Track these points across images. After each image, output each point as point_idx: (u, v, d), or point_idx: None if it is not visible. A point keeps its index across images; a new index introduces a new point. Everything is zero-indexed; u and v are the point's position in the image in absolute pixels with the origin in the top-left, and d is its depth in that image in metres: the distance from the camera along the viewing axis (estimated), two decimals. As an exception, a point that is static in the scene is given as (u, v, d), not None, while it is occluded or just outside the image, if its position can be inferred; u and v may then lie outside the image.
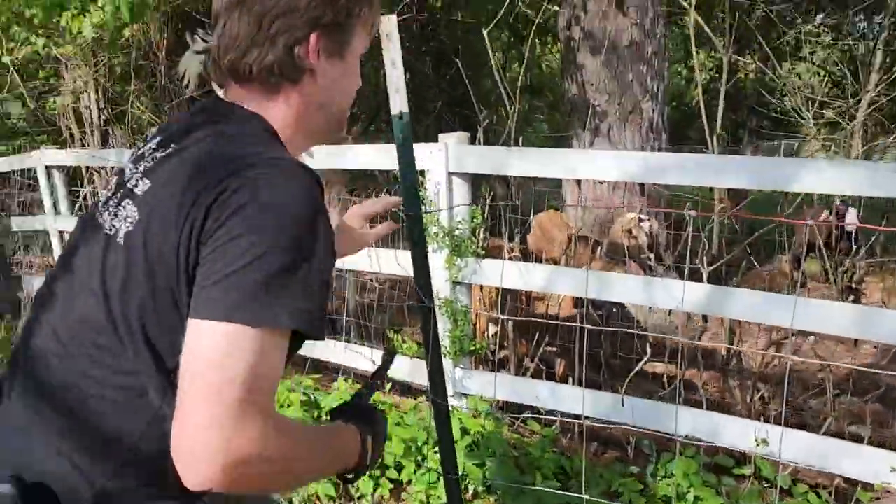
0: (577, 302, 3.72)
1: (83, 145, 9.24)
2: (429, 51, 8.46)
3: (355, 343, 3.78)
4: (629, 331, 3.46)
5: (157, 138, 1.12)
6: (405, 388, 3.68)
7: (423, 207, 1.76)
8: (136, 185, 1.05)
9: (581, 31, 4.61)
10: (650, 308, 4.36)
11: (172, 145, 1.07)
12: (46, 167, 5.49)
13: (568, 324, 3.10)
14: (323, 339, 0.98)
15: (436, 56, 8.68)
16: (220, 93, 1.14)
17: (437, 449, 2.16)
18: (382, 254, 3.38)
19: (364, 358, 3.60)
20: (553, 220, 3.82)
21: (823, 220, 4.76)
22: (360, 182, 5.83)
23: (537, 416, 3.07)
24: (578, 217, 3.98)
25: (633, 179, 3.19)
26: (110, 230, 1.03)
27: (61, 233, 5.61)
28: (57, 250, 5.64)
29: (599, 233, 3.84)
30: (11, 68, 7.80)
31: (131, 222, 1.01)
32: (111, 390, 0.99)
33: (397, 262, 3.29)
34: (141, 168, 1.07)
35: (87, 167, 5.92)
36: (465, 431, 2.96)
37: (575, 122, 4.78)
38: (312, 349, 3.72)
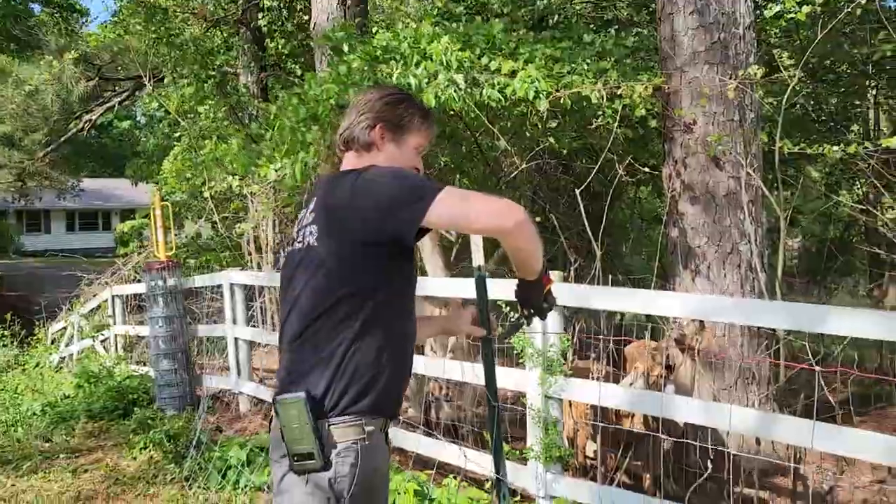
0: (646, 419, 4.14)
1: (258, 266, 10.75)
2: (564, 187, 9.30)
3: (469, 447, 4.39)
4: (702, 444, 3.82)
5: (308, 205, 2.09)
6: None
7: (490, 333, 2.42)
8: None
9: (681, 183, 5.22)
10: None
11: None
12: (231, 285, 6.70)
13: (649, 433, 3.57)
14: None
15: (571, 191, 9.52)
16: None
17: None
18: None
19: (472, 461, 4.19)
20: (639, 350, 4.32)
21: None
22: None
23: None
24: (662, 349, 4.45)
25: (693, 316, 3.68)
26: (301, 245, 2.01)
27: (237, 339, 6.72)
28: (232, 352, 6.74)
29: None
30: (210, 200, 9.45)
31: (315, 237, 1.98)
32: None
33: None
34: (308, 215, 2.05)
35: (261, 287, 7.07)
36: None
37: (678, 264, 5.29)
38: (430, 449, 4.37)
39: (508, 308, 4.06)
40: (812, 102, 9.34)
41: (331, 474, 1.88)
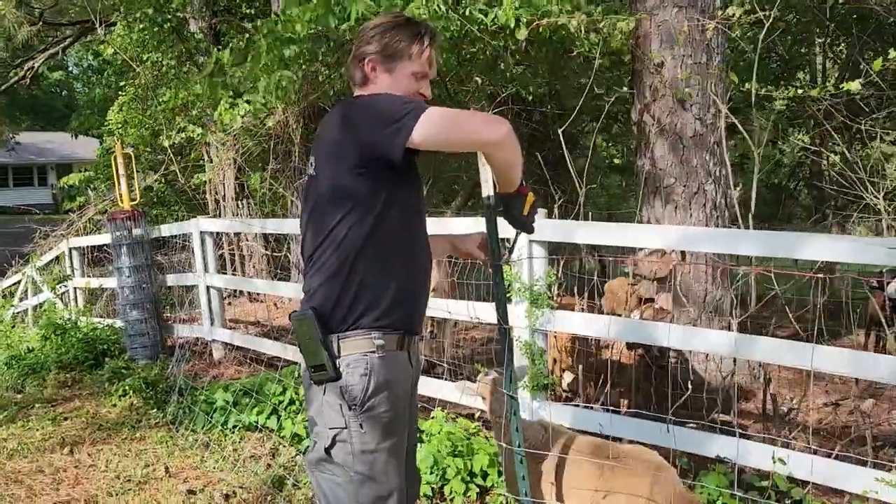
0: (631, 346, 4.37)
1: (216, 215, 10.64)
2: (523, 135, 9.43)
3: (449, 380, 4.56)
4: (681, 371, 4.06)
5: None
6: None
7: (503, 259, 2.54)
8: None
9: (651, 118, 5.39)
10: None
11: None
12: (201, 233, 6.65)
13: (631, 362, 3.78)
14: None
15: (528, 140, 9.65)
16: None
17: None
18: (478, 306, 4.18)
19: (456, 391, 4.35)
20: (621, 285, 4.53)
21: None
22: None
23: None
24: (642, 282, 4.66)
25: (673, 247, 3.87)
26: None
27: (209, 287, 6.71)
28: (205, 301, 6.73)
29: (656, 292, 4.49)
30: (168, 150, 9.27)
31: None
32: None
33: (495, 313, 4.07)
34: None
35: (237, 234, 7.03)
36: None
37: (648, 193, 5.49)
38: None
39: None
40: (763, 49, 9.59)
41: (342, 383, 2.03)
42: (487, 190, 2.45)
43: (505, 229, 2.41)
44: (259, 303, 10.25)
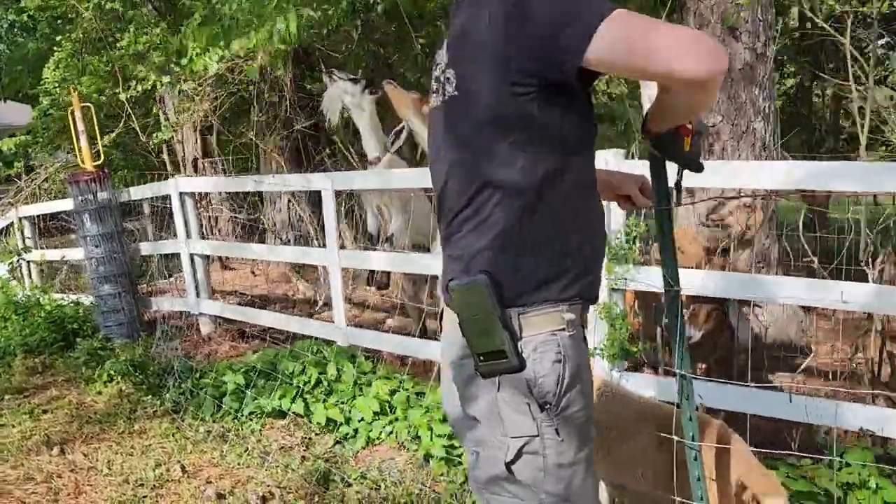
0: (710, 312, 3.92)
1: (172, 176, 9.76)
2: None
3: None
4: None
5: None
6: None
7: (672, 203, 1.99)
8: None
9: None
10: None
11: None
12: (181, 194, 5.90)
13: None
14: None
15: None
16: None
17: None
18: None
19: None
20: (685, 236, 4.03)
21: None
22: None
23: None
24: (702, 231, 4.18)
25: (798, 185, 3.38)
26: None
27: (193, 255, 5.99)
28: (188, 270, 6.01)
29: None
30: (126, 105, 8.35)
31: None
32: None
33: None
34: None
35: (203, 196, 6.27)
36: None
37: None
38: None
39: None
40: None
41: (528, 374, 1.47)
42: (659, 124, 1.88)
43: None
44: (231, 270, 9.51)
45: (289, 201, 8.48)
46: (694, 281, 3.05)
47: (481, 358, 1.50)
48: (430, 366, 4.41)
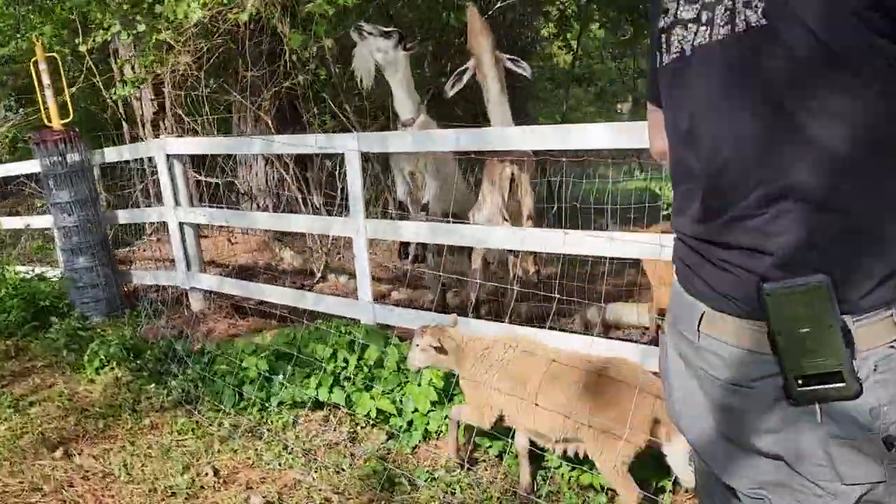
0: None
1: (132, 139, 9.00)
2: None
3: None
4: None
5: None
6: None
7: None
8: None
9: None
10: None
11: None
12: (167, 156, 5.29)
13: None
14: None
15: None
16: None
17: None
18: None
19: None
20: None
21: None
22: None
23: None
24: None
25: None
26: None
27: (182, 225, 5.42)
28: (178, 241, 5.43)
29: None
30: (87, 58, 7.57)
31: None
32: None
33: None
34: None
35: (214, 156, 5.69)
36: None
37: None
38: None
39: None
40: None
41: (870, 402, 1.10)
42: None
43: None
44: (205, 238, 8.87)
45: (265, 164, 7.87)
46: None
47: (800, 382, 1.13)
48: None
